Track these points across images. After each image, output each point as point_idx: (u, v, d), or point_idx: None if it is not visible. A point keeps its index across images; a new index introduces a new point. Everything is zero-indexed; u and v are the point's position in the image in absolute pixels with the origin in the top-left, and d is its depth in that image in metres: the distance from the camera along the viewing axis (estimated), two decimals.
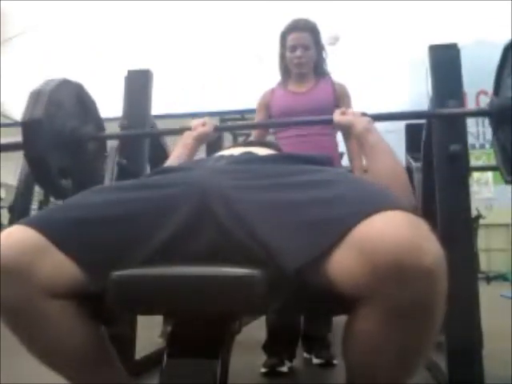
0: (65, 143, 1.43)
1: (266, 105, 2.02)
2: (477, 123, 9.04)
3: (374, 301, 0.60)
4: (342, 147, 2.05)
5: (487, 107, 1.37)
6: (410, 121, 2.11)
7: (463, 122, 1.51)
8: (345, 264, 0.61)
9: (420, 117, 1.65)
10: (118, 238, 0.75)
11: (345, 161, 2.14)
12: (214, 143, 2.46)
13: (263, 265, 0.68)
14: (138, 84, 1.77)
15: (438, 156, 1.49)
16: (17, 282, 0.69)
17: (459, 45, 1.55)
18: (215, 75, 9.40)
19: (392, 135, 1.18)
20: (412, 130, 2.10)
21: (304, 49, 1.93)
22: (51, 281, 0.70)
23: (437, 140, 1.51)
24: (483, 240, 8.17)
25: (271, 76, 2.14)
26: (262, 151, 1.02)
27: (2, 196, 5.70)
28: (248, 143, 1.23)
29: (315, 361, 1.96)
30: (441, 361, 1.50)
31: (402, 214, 0.61)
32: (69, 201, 0.84)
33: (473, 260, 1.55)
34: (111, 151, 1.69)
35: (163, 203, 0.77)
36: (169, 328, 0.73)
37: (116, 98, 1.81)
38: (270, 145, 1.18)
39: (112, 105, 1.93)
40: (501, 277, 7.51)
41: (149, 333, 2.04)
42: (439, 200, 1.47)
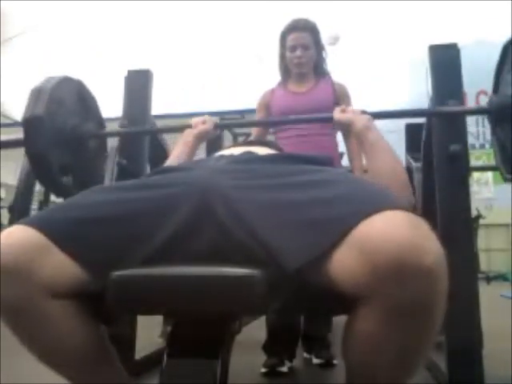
0: (66, 140, 1.42)
1: (266, 105, 2.02)
2: (477, 123, 9.04)
3: (375, 300, 0.60)
4: (342, 147, 2.05)
5: (486, 105, 1.38)
6: (410, 121, 2.12)
7: (463, 122, 1.51)
8: (345, 264, 0.61)
9: (420, 115, 1.64)
10: (119, 238, 0.75)
11: (345, 161, 2.14)
12: (214, 143, 2.47)
13: (263, 264, 0.68)
14: (138, 84, 1.77)
15: (438, 156, 1.49)
16: (17, 282, 0.69)
17: (459, 45, 1.55)
18: (215, 75, 9.41)
19: (392, 135, 1.18)
20: (412, 130, 2.10)
21: (304, 49, 1.93)
22: (52, 280, 0.70)
23: (437, 140, 1.51)
24: (483, 240, 8.16)
25: (271, 76, 2.14)
26: (263, 151, 1.02)
27: (2, 196, 5.70)
28: (248, 143, 1.23)
29: (315, 361, 1.96)
30: (441, 361, 1.50)
31: (403, 214, 0.61)
32: (69, 201, 0.84)
33: (473, 260, 1.55)
34: (111, 151, 1.69)
35: (164, 203, 0.77)
36: (169, 328, 0.73)
37: (116, 98, 1.81)
38: (271, 144, 1.18)
39: (112, 105, 1.93)
40: (501, 277, 7.51)
41: (149, 333, 2.04)
42: (439, 200, 1.47)
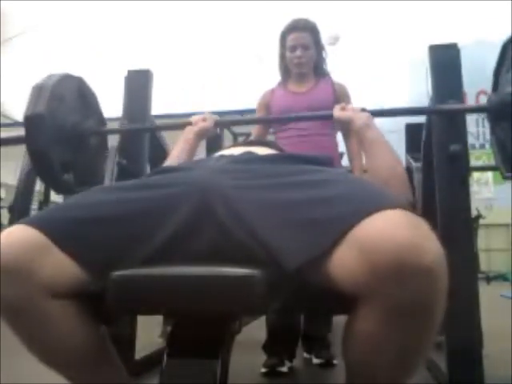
0: (67, 137, 1.43)
1: (266, 105, 2.02)
2: (477, 123, 9.04)
3: (374, 300, 0.60)
4: (342, 147, 2.05)
5: (486, 104, 1.38)
6: (410, 120, 2.12)
7: (463, 121, 1.51)
8: (345, 263, 0.61)
9: (419, 113, 1.64)
10: (119, 238, 0.75)
11: (345, 161, 2.14)
12: (214, 142, 2.47)
13: (263, 264, 0.68)
14: (138, 84, 1.77)
15: (438, 156, 1.49)
16: (17, 281, 0.68)
17: (459, 45, 1.55)
18: (215, 75, 9.41)
19: (392, 135, 1.18)
20: (412, 130, 2.10)
21: (304, 49, 1.93)
22: (52, 280, 0.70)
23: (437, 140, 1.51)
24: (483, 240, 8.17)
25: (271, 76, 2.14)
26: (263, 151, 1.02)
27: (2, 196, 5.71)
28: (248, 143, 1.22)
29: (315, 361, 1.96)
30: (441, 361, 1.50)
31: (402, 213, 0.61)
32: (69, 200, 0.84)
33: (473, 260, 1.55)
34: (111, 151, 1.69)
35: (164, 203, 0.77)
36: (169, 328, 0.73)
37: (116, 98, 1.81)
38: (271, 144, 1.17)
39: (112, 105, 1.93)
40: (501, 277, 7.51)
41: (149, 333, 2.04)
42: (439, 200, 1.47)
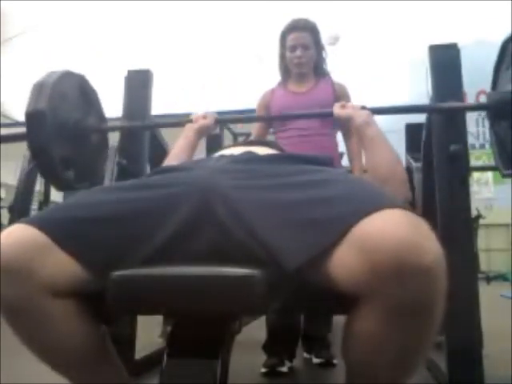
0: (68, 134, 1.43)
1: (266, 105, 2.02)
2: (477, 123, 9.04)
3: (374, 299, 0.60)
4: (342, 147, 2.05)
5: (485, 102, 1.39)
6: (411, 120, 2.12)
7: (463, 120, 1.51)
8: (345, 262, 0.61)
9: (420, 110, 1.64)
10: (119, 237, 0.75)
11: (345, 161, 2.14)
12: (214, 142, 2.47)
13: (263, 264, 0.68)
14: (138, 84, 1.77)
15: (438, 156, 1.49)
16: (17, 281, 0.69)
17: (459, 45, 1.55)
18: (215, 75, 9.40)
19: (392, 135, 1.18)
20: (412, 130, 2.11)
21: (304, 49, 1.93)
22: (52, 279, 0.70)
23: (437, 140, 1.51)
24: (483, 240, 8.16)
25: (271, 76, 2.14)
26: (263, 151, 1.02)
27: (2, 196, 5.71)
28: (248, 143, 1.23)
29: (315, 361, 1.96)
30: (441, 361, 1.50)
31: (402, 213, 0.61)
32: (69, 200, 0.84)
33: (473, 260, 1.55)
34: (111, 151, 1.69)
35: (164, 203, 0.77)
36: (169, 328, 0.73)
37: (116, 98, 1.81)
38: (271, 144, 1.17)
39: (112, 105, 1.93)
40: (501, 277, 7.51)
41: (149, 333, 2.04)
42: (439, 200, 1.47)
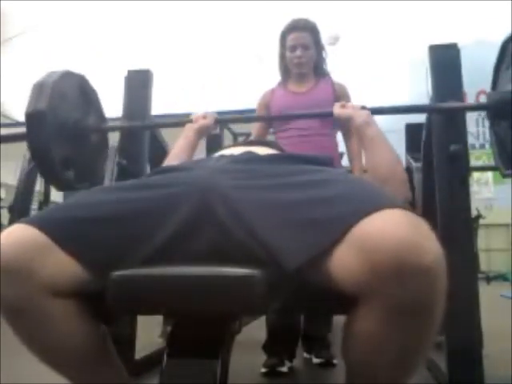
0: (68, 134, 1.43)
1: (266, 105, 2.02)
2: (477, 123, 9.04)
3: (374, 299, 0.60)
4: (342, 147, 2.05)
5: (485, 101, 1.39)
6: (411, 120, 2.12)
7: (463, 120, 1.51)
8: (345, 262, 0.61)
9: (420, 110, 1.64)
10: (119, 237, 0.75)
11: (345, 161, 2.14)
12: (214, 142, 2.46)
13: (263, 264, 0.68)
14: (138, 84, 1.77)
15: (438, 156, 1.49)
16: (17, 281, 0.68)
17: (459, 45, 1.55)
18: (215, 75, 9.40)
19: (392, 135, 1.18)
20: (412, 130, 2.11)
21: (304, 48, 1.93)
22: (52, 279, 0.70)
23: (437, 140, 1.51)
24: (483, 240, 8.16)
25: (271, 76, 2.14)
26: (263, 151, 1.02)
27: (2, 196, 5.71)
28: (249, 143, 1.23)
29: (315, 361, 1.96)
30: (441, 361, 1.50)
31: (402, 213, 0.61)
32: (69, 200, 0.84)
33: (473, 260, 1.55)
34: (111, 151, 1.69)
35: (164, 203, 0.77)
36: (169, 328, 0.73)
37: (116, 98, 1.81)
38: (271, 144, 1.17)
39: (112, 105, 1.93)
40: (501, 277, 7.51)
41: (149, 333, 2.04)
42: (439, 200, 1.47)
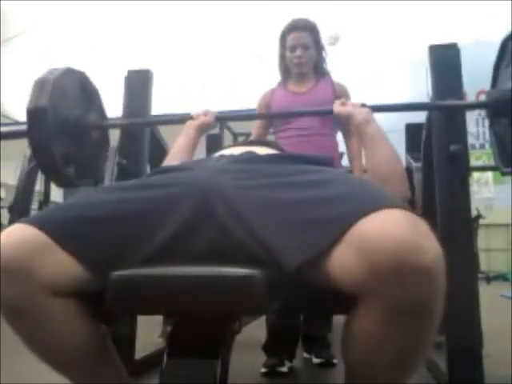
0: (69, 131, 1.44)
1: (266, 105, 2.02)
2: (477, 123, 9.03)
3: (374, 299, 0.60)
4: (342, 147, 2.05)
5: (485, 99, 1.39)
6: (411, 120, 2.12)
7: (463, 120, 1.51)
8: (344, 262, 0.61)
9: (419, 108, 1.64)
10: (120, 237, 0.75)
11: (345, 161, 2.14)
12: (214, 142, 2.47)
13: (263, 264, 0.68)
14: (138, 84, 1.77)
15: (438, 156, 1.49)
16: (18, 281, 0.69)
17: (459, 45, 1.55)
18: (215, 75, 9.39)
19: (392, 135, 1.18)
20: (412, 130, 2.11)
21: (304, 48, 1.93)
22: (53, 279, 0.70)
23: (437, 140, 1.51)
24: (483, 240, 8.16)
25: (271, 76, 2.14)
26: (263, 151, 1.02)
27: (2, 196, 5.71)
28: (249, 142, 1.23)
29: (315, 360, 1.96)
30: (441, 361, 1.50)
31: (402, 213, 0.61)
32: (69, 200, 0.84)
33: (473, 260, 1.55)
34: (111, 151, 1.69)
35: (164, 203, 0.77)
36: (169, 328, 0.73)
37: (116, 98, 1.81)
38: (272, 144, 1.17)
39: (112, 105, 1.93)
40: (501, 277, 7.50)
41: (149, 333, 2.04)
42: (439, 200, 1.47)
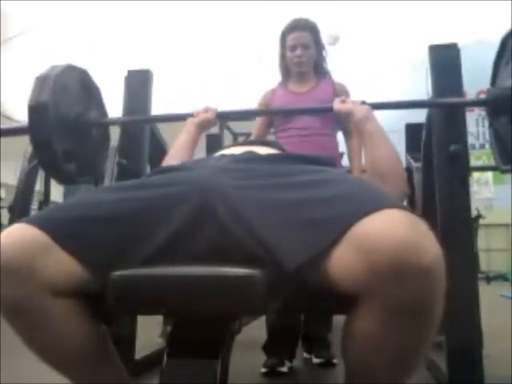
0: (70, 128, 1.44)
1: (267, 105, 2.02)
2: (477, 123, 9.03)
3: (374, 299, 0.60)
4: (342, 147, 2.05)
5: (485, 97, 1.40)
6: (411, 120, 2.12)
7: (463, 119, 1.51)
8: (344, 262, 0.61)
9: (419, 105, 1.64)
10: (120, 237, 0.75)
11: (345, 161, 2.15)
12: (214, 142, 2.47)
13: (263, 264, 0.68)
14: (138, 84, 1.77)
15: (438, 156, 1.49)
16: (18, 280, 0.69)
17: (459, 45, 1.55)
18: (215, 75, 9.39)
19: (392, 135, 1.18)
20: (412, 130, 2.11)
21: (304, 48, 1.93)
22: (53, 279, 0.70)
23: (437, 140, 1.51)
24: (483, 240, 8.15)
25: (271, 76, 2.14)
26: (264, 150, 1.02)
27: (2, 196, 5.72)
28: (249, 142, 1.23)
29: (315, 360, 1.96)
30: (441, 361, 1.50)
31: (401, 213, 0.61)
32: (70, 200, 0.84)
33: (473, 260, 1.55)
34: (111, 151, 1.69)
35: (164, 202, 0.77)
36: (169, 328, 0.73)
37: (116, 98, 1.81)
38: (272, 144, 1.18)
39: (112, 105, 1.93)
40: (501, 277, 7.50)
41: (149, 333, 2.04)
42: (439, 200, 1.47)
